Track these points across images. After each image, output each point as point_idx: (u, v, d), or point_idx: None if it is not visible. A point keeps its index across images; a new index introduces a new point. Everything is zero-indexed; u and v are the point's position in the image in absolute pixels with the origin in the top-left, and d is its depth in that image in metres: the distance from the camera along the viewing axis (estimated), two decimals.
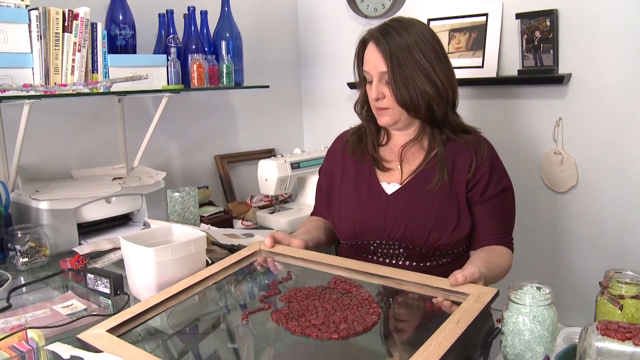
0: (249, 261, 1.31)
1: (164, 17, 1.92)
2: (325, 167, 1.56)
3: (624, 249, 1.83)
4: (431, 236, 1.31)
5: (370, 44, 1.34)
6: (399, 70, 1.29)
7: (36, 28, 1.54)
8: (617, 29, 1.74)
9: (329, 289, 1.11)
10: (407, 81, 1.29)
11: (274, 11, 2.52)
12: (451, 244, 1.32)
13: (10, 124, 1.69)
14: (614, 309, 0.93)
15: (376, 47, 1.32)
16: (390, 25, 1.33)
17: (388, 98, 1.33)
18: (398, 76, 1.29)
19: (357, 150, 1.45)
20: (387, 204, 1.36)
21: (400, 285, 1.10)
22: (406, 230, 1.32)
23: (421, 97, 1.30)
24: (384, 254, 1.37)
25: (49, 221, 1.56)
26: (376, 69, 1.32)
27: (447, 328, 0.90)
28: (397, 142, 1.43)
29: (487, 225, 1.35)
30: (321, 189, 1.56)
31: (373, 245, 1.37)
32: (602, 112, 1.81)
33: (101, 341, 0.96)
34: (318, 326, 0.97)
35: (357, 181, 1.43)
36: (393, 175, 1.40)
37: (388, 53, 1.29)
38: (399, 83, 1.29)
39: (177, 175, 2.23)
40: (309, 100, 2.69)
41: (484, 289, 1.02)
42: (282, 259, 1.30)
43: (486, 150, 1.36)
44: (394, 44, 1.29)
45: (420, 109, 1.32)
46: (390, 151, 1.44)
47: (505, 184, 1.37)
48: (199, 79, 1.88)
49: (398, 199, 1.36)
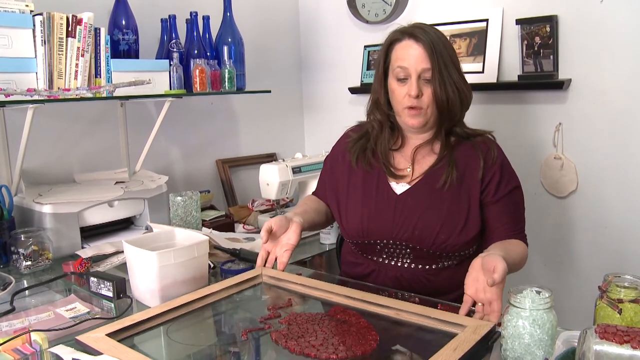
0: (250, 284, 1.31)
1: (166, 22, 1.93)
2: (331, 159, 1.54)
3: (623, 254, 1.84)
4: (439, 237, 1.30)
5: (407, 40, 1.31)
6: (443, 66, 1.27)
7: (40, 33, 1.55)
8: (616, 34, 1.75)
9: (328, 317, 1.11)
10: (449, 78, 1.28)
11: (275, 16, 2.54)
12: (459, 246, 1.31)
13: (14, 128, 1.70)
14: (613, 313, 0.94)
15: (417, 43, 1.29)
16: (421, 26, 1.33)
17: (427, 96, 1.30)
18: (443, 72, 1.27)
19: (362, 159, 1.42)
20: (397, 204, 1.35)
21: (399, 315, 1.11)
22: (414, 230, 1.31)
23: (458, 97, 1.30)
24: (389, 254, 1.37)
25: (52, 225, 1.57)
26: (419, 65, 1.28)
27: (444, 354, 0.90)
28: (411, 145, 1.41)
29: (501, 222, 1.33)
30: (325, 176, 1.54)
31: (379, 245, 1.37)
32: (602, 117, 1.82)
33: (100, 344, 0.97)
34: (317, 347, 0.98)
35: (365, 180, 1.42)
36: (402, 176, 1.39)
37: (432, 48, 1.27)
38: (443, 79, 1.27)
39: (179, 179, 2.24)
40: (310, 105, 2.70)
41: (481, 323, 1.03)
42: (283, 284, 1.30)
43: (496, 150, 1.36)
44: (435, 40, 1.28)
45: (455, 109, 1.32)
46: (401, 156, 1.42)
47: (515, 183, 1.38)
48: (201, 84, 1.90)
49: (407, 199, 1.35)
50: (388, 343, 1.03)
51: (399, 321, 1.10)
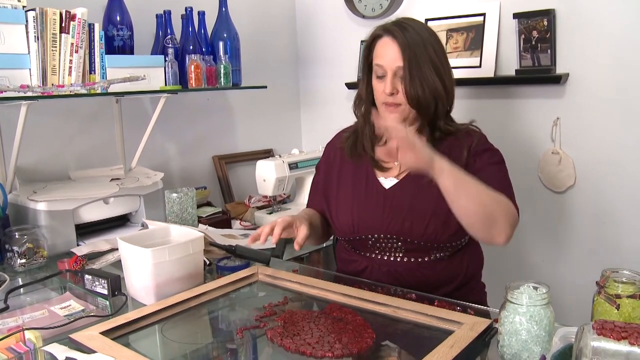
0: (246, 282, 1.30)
1: (161, 18, 1.92)
2: (324, 163, 1.54)
3: (621, 249, 1.83)
4: (429, 227, 1.30)
5: (386, 38, 1.33)
6: (415, 65, 1.28)
7: (33, 29, 1.54)
8: (614, 28, 1.74)
9: (324, 314, 1.11)
10: (421, 77, 1.29)
11: (271, 11, 2.52)
12: (450, 235, 1.31)
13: (8, 125, 1.69)
14: (610, 309, 0.93)
15: (394, 41, 1.30)
16: (405, 22, 1.33)
17: (401, 94, 1.31)
18: (414, 71, 1.28)
19: (354, 153, 1.44)
20: (385, 198, 1.36)
21: (395, 312, 1.10)
22: (404, 222, 1.32)
23: (431, 95, 1.30)
24: (381, 248, 1.37)
25: (47, 222, 1.56)
26: (393, 63, 1.30)
27: (441, 351, 0.90)
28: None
29: None
30: (317, 185, 1.54)
31: (371, 240, 1.37)
32: (600, 111, 1.81)
33: (94, 342, 0.96)
34: (312, 345, 0.97)
35: (354, 177, 1.43)
36: (390, 170, 1.40)
37: (407, 47, 1.28)
38: (414, 78, 1.28)
39: (175, 175, 2.23)
40: (307, 101, 2.69)
41: (477, 319, 1.02)
42: (279, 282, 1.29)
43: (477, 139, 1.37)
44: (412, 39, 1.29)
45: (430, 106, 1.32)
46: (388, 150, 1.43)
47: (499, 158, 1.36)
48: (196, 80, 1.88)
49: (396, 193, 1.36)
50: (384, 340, 1.03)
51: (396, 318, 1.10)
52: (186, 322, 1.13)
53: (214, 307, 1.20)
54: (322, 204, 1.50)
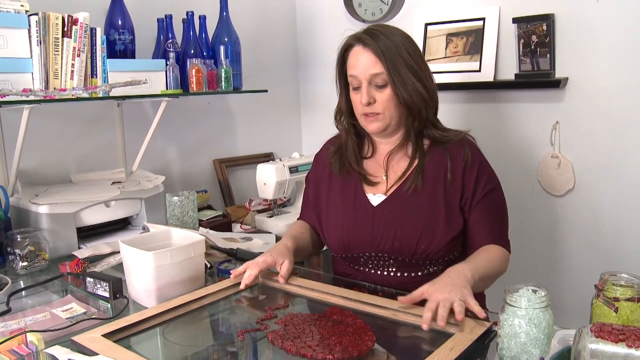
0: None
1: (162, 22, 1.93)
2: (313, 174, 1.53)
3: (620, 252, 1.84)
4: (419, 246, 1.29)
5: (357, 47, 1.30)
6: (394, 70, 1.26)
7: (36, 33, 1.55)
8: (613, 33, 1.75)
9: (325, 317, 1.11)
10: (404, 81, 1.27)
11: (272, 15, 2.53)
12: (441, 252, 1.30)
13: (10, 128, 1.70)
14: (609, 312, 0.94)
15: (366, 49, 1.28)
16: (375, 29, 1.31)
17: (379, 102, 1.29)
18: (396, 76, 1.26)
19: (342, 169, 1.41)
20: (374, 216, 1.34)
21: (395, 315, 1.11)
22: (394, 241, 1.30)
23: (417, 99, 1.28)
24: (374, 265, 1.36)
25: (49, 225, 1.57)
26: (366, 72, 1.27)
27: (441, 354, 0.91)
28: (382, 152, 1.40)
29: (480, 228, 1.31)
30: (307, 197, 1.53)
31: (363, 258, 1.36)
32: (599, 115, 1.82)
33: (96, 344, 0.97)
34: (313, 347, 0.98)
35: (343, 193, 1.41)
36: (378, 186, 1.38)
37: (381, 53, 1.26)
38: (397, 83, 1.26)
39: (176, 179, 2.23)
40: (307, 104, 2.70)
41: (477, 322, 1.02)
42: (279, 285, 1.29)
43: (469, 152, 1.34)
44: (384, 45, 1.27)
45: (421, 109, 1.30)
46: (375, 163, 1.41)
47: (493, 184, 1.35)
48: (197, 84, 1.89)
49: (384, 210, 1.33)
50: (384, 343, 1.03)
51: (396, 321, 1.10)
52: (187, 324, 1.14)
53: (215, 310, 1.21)
54: (314, 219, 1.49)
